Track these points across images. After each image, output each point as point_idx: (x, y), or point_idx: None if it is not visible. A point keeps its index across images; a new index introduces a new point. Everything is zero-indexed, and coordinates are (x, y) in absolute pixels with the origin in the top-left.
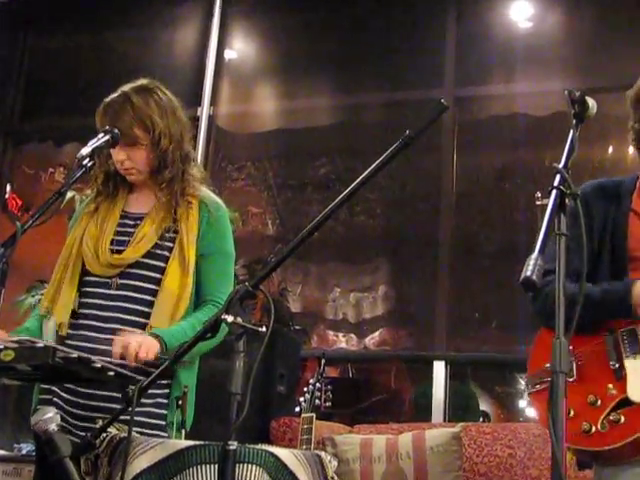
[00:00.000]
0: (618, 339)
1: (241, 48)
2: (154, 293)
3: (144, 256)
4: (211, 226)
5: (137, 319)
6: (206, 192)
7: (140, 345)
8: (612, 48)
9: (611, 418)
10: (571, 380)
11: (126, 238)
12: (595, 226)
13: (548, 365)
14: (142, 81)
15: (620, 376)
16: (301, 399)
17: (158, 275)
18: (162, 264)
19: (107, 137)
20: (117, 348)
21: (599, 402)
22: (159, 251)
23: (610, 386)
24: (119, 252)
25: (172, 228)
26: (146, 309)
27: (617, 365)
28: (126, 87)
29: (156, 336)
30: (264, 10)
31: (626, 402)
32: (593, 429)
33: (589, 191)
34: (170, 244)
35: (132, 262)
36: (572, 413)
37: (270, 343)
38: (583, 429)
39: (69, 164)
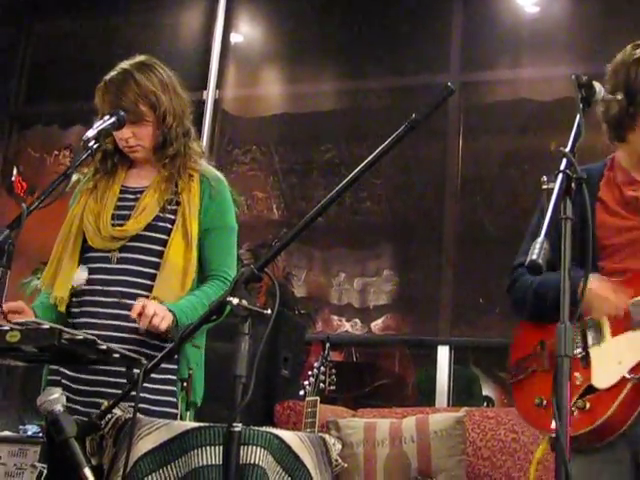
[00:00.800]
0: (584, 327)
1: (247, 32)
2: (157, 266)
3: (146, 229)
4: (213, 200)
5: (140, 292)
6: (206, 166)
7: (156, 312)
8: (619, 33)
9: (578, 405)
10: (543, 370)
11: (127, 212)
12: None
13: (527, 355)
14: (140, 57)
15: (586, 364)
16: (305, 383)
17: (160, 247)
18: (164, 236)
19: (113, 119)
20: (137, 308)
21: None
22: (161, 223)
23: (577, 374)
24: (121, 225)
25: (174, 200)
26: (149, 282)
27: (583, 353)
28: (125, 64)
29: (170, 310)
30: None
31: (592, 389)
32: None
33: None
34: (172, 216)
35: (134, 235)
36: (544, 402)
37: (275, 327)
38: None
39: (74, 147)
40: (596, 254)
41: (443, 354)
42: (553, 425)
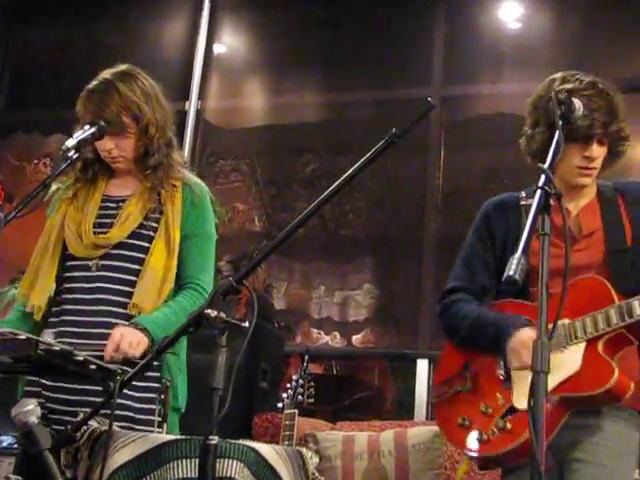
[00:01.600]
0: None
1: (230, 43)
2: (138, 273)
3: (129, 237)
4: (195, 207)
5: (121, 299)
6: (188, 175)
7: (131, 344)
8: (600, 50)
9: (499, 425)
10: (466, 391)
11: (109, 220)
12: (497, 243)
13: (452, 376)
14: (123, 67)
15: (508, 386)
16: (284, 395)
17: (142, 255)
18: (146, 244)
19: (93, 129)
20: (110, 349)
21: (490, 410)
22: (144, 231)
23: (499, 395)
24: (104, 233)
25: (157, 209)
26: (130, 289)
27: (505, 375)
28: (107, 73)
29: (144, 330)
30: (254, 5)
31: (513, 410)
32: (485, 436)
33: (491, 208)
34: (155, 224)
35: (116, 243)
36: (467, 422)
37: (254, 339)
38: (477, 437)
39: (54, 155)
40: (528, 280)
41: (422, 367)
42: (470, 444)
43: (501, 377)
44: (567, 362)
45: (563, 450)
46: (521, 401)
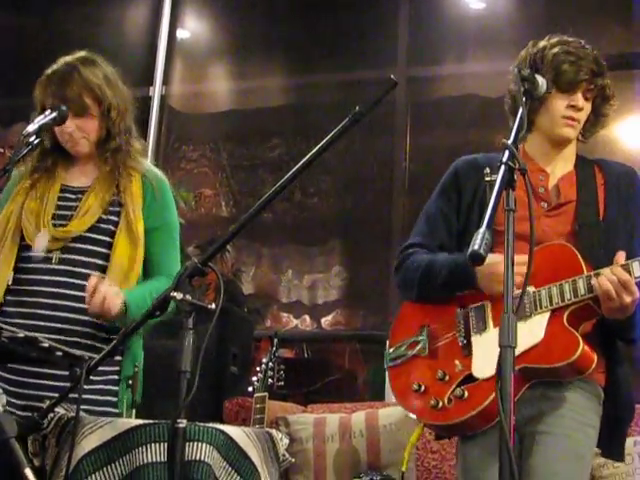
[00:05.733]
0: (468, 315)
1: (194, 27)
2: (102, 268)
3: (88, 230)
4: (155, 199)
5: (82, 294)
6: (148, 165)
7: (106, 297)
8: (563, 29)
9: (456, 393)
10: (423, 355)
11: (68, 212)
12: (463, 202)
13: (407, 341)
14: (82, 53)
15: (467, 352)
16: (254, 379)
17: (103, 250)
18: (107, 238)
19: (54, 114)
20: (90, 288)
21: (447, 377)
22: (104, 225)
23: (457, 362)
24: (62, 226)
25: (116, 200)
26: None
27: (465, 341)
28: (68, 58)
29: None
30: None
31: (471, 378)
32: (440, 404)
33: (460, 166)
34: (115, 218)
35: (76, 236)
36: (422, 388)
37: (223, 324)
38: (431, 404)
39: (14, 143)
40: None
41: None
42: (424, 411)
43: (460, 343)
44: (530, 331)
45: (525, 422)
46: (480, 370)
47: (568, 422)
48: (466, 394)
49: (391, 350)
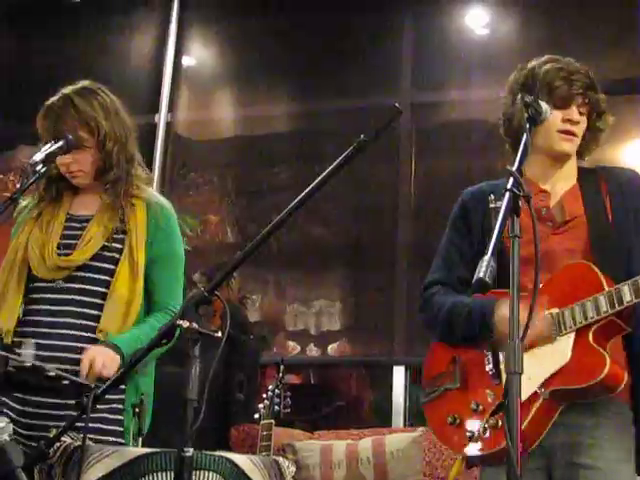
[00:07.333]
0: (495, 345)
1: (199, 55)
2: (102, 296)
3: (92, 259)
4: (160, 229)
5: (87, 322)
6: (152, 193)
7: (103, 363)
8: (565, 55)
9: (490, 422)
10: (455, 387)
11: (73, 241)
12: (474, 232)
13: (439, 373)
14: (84, 82)
15: (498, 381)
16: (260, 406)
17: (106, 277)
18: (111, 266)
19: (61, 143)
20: (83, 371)
21: (480, 407)
22: (107, 253)
23: (488, 391)
24: (67, 255)
25: (120, 229)
26: (96, 312)
27: (494, 370)
28: (67, 89)
29: (115, 347)
30: (222, 17)
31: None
32: (476, 434)
33: (468, 199)
34: (119, 245)
35: (80, 265)
36: (457, 421)
37: (229, 350)
38: (467, 435)
39: (23, 169)
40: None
41: (399, 374)
42: (461, 444)
43: (490, 373)
44: (557, 353)
45: (556, 450)
46: None
47: (607, 454)
48: (500, 422)
49: (425, 387)
